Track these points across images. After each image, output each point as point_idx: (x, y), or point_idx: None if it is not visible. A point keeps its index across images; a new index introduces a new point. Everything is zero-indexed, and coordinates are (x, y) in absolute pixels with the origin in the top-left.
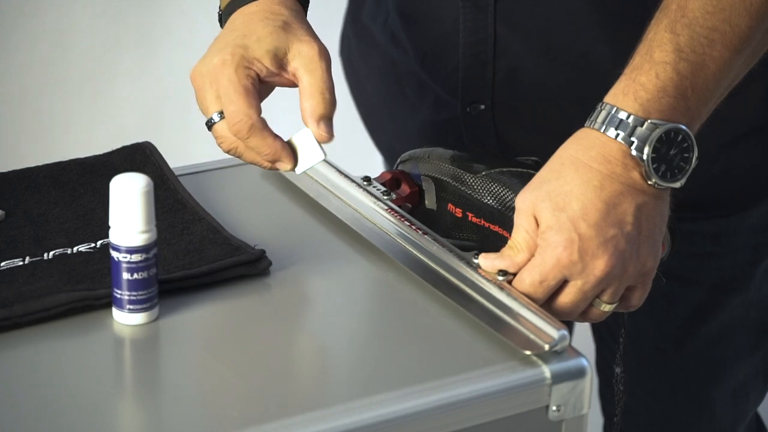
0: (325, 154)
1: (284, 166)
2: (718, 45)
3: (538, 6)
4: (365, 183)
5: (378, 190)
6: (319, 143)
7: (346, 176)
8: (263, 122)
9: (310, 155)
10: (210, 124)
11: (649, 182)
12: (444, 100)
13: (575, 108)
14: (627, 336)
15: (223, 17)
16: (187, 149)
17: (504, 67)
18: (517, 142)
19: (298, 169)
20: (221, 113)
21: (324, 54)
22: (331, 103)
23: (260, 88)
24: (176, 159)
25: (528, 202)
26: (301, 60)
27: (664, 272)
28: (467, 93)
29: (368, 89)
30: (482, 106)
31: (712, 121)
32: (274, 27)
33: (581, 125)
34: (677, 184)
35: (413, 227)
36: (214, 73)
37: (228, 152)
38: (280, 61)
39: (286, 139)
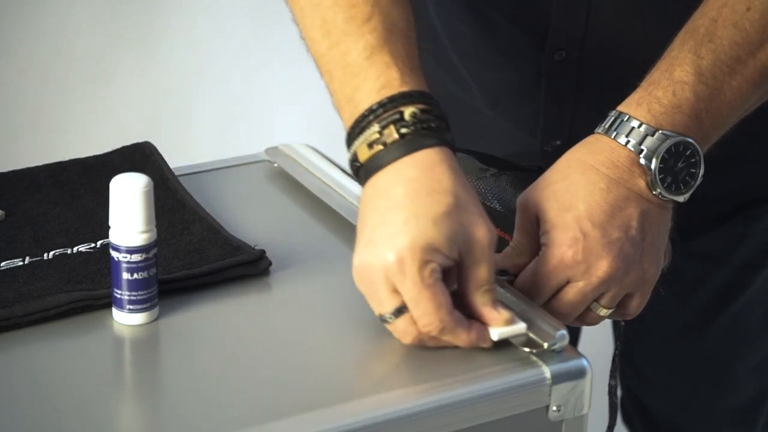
0: (525, 327)
1: (483, 346)
2: (738, 75)
3: (620, 57)
4: None
5: None
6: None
7: (349, 174)
8: (456, 317)
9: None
10: (384, 320)
11: (654, 192)
12: (516, 138)
13: None
14: (623, 350)
15: (363, 171)
16: (187, 149)
17: (585, 110)
18: None
19: (494, 336)
20: (400, 309)
21: (494, 240)
22: (493, 292)
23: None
24: (176, 159)
25: (531, 202)
26: (472, 247)
27: (697, 253)
28: (546, 135)
29: None
30: (558, 142)
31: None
32: (447, 206)
33: None
34: (681, 198)
35: None
36: (390, 270)
37: (412, 343)
38: (457, 248)
39: None
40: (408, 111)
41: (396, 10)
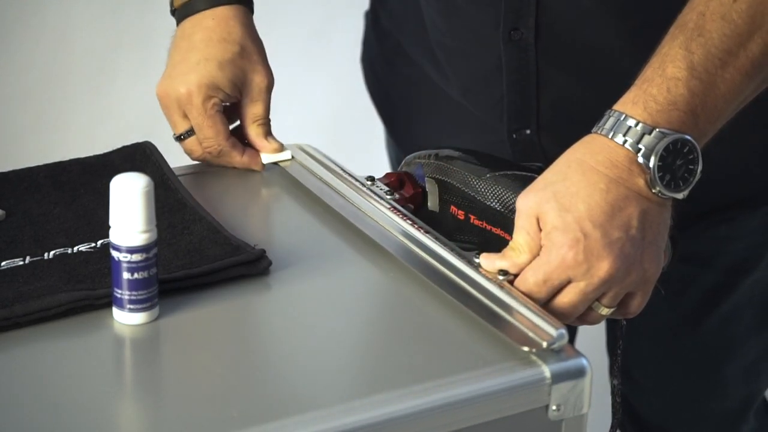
0: (290, 154)
1: (254, 168)
2: (731, 68)
3: (576, 40)
4: (369, 182)
5: (381, 189)
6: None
7: (350, 175)
8: (232, 142)
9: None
10: (179, 139)
11: (653, 190)
12: (488, 125)
13: None
14: (624, 349)
15: (176, 16)
16: None
17: (548, 96)
18: None
19: (264, 160)
20: (189, 131)
21: (270, 85)
22: (266, 126)
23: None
24: (176, 159)
25: (531, 203)
26: (251, 89)
27: (683, 256)
28: (512, 122)
29: (394, 98)
30: (528, 131)
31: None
32: (233, 53)
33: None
34: (680, 195)
35: (415, 226)
36: (180, 100)
37: (198, 160)
38: (238, 89)
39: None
40: None
41: None
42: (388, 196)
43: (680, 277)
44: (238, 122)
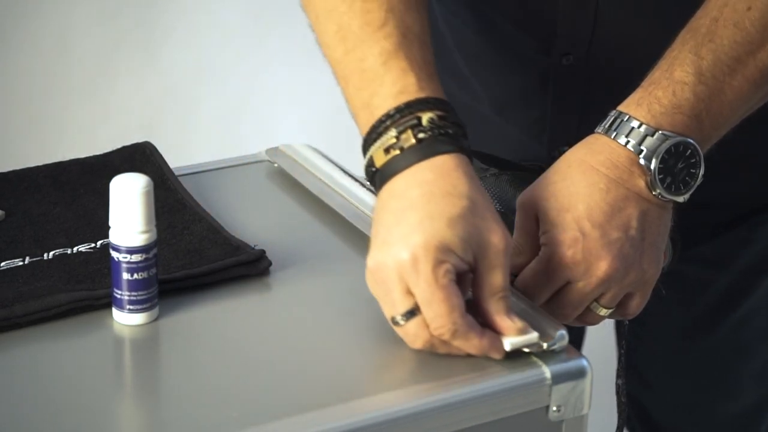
0: (537, 337)
1: (493, 356)
2: (739, 75)
3: (625, 63)
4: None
5: None
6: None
7: (350, 175)
8: (469, 320)
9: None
10: (396, 323)
11: (653, 192)
12: (522, 142)
13: None
14: (627, 349)
15: (378, 176)
16: (187, 149)
17: (591, 115)
18: None
19: (506, 345)
20: (412, 311)
21: (509, 247)
22: (508, 300)
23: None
24: (176, 159)
25: (531, 202)
26: (487, 252)
27: (701, 258)
28: (554, 141)
29: None
30: (566, 148)
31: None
32: (463, 208)
33: None
34: (680, 199)
35: None
36: (402, 269)
37: (422, 348)
38: (472, 251)
39: None
40: (426, 116)
41: (411, 15)
42: None
43: (697, 279)
44: (470, 294)
